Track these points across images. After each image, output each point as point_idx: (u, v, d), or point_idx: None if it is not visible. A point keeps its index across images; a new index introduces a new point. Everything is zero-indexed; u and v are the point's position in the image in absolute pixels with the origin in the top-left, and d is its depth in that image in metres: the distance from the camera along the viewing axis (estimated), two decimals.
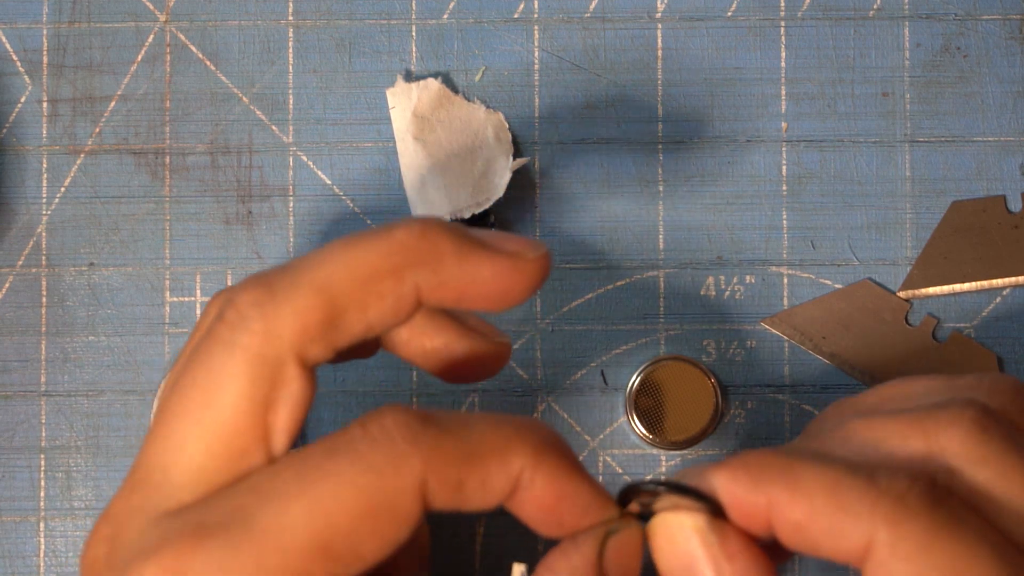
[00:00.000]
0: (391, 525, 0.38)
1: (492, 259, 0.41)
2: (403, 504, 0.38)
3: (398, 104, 0.55)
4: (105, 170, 0.56)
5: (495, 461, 0.39)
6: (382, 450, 0.39)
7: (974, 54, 0.55)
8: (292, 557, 0.38)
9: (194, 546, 0.38)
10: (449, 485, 0.39)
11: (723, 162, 0.55)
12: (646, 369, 0.54)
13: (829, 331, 0.54)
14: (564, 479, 0.40)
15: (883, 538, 0.38)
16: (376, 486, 0.38)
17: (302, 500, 0.38)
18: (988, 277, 0.55)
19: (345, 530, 0.38)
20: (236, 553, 0.38)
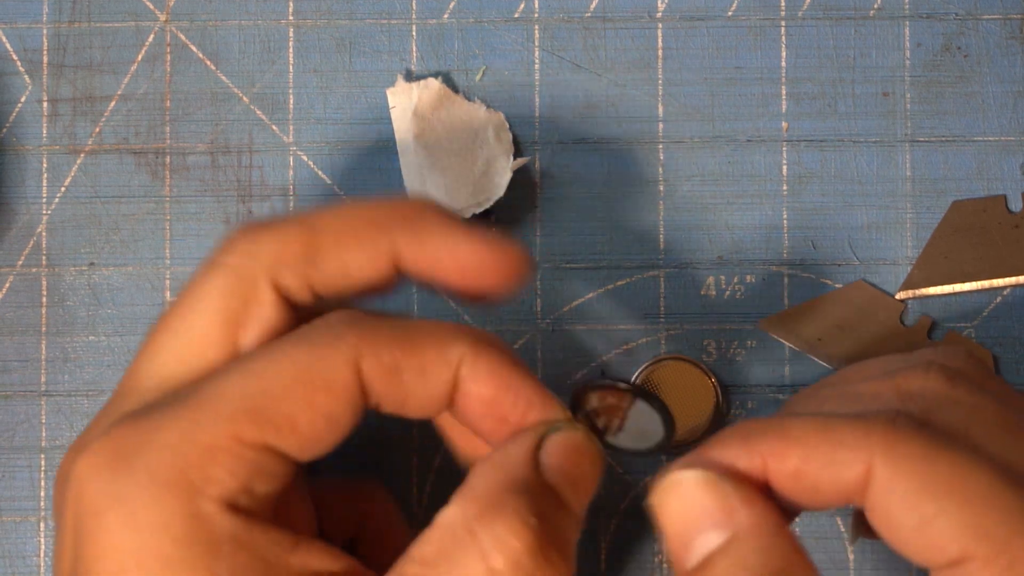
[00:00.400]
0: (324, 395, 0.39)
1: (472, 237, 0.42)
2: (337, 376, 0.39)
3: (398, 104, 0.55)
4: (105, 170, 0.56)
5: (432, 347, 0.40)
6: (319, 329, 0.40)
7: (974, 54, 0.55)
8: (225, 419, 0.39)
9: (135, 426, 0.39)
10: (385, 367, 0.40)
11: (723, 162, 0.55)
12: (646, 369, 0.54)
13: (824, 332, 0.54)
14: (505, 370, 0.41)
15: (882, 461, 0.38)
16: (309, 357, 0.39)
17: (240, 372, 0.39)
18: (988, 277, 0.54)
19: (277, 395, 0.39)
20: (173, 423, 0.39)
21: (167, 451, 0.38)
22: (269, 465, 0.39)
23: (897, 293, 0.55)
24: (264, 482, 0.39)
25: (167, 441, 0.39)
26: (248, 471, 0.39)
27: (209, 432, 0.39)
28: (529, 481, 0.40)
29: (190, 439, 0.38)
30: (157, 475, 0.38)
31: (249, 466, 0.39)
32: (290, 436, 0.39)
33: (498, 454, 0.41)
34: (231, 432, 0.39)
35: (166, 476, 0.38)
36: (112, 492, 0.38)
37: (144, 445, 0.39)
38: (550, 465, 0.40)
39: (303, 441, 0.39)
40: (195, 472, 0.38)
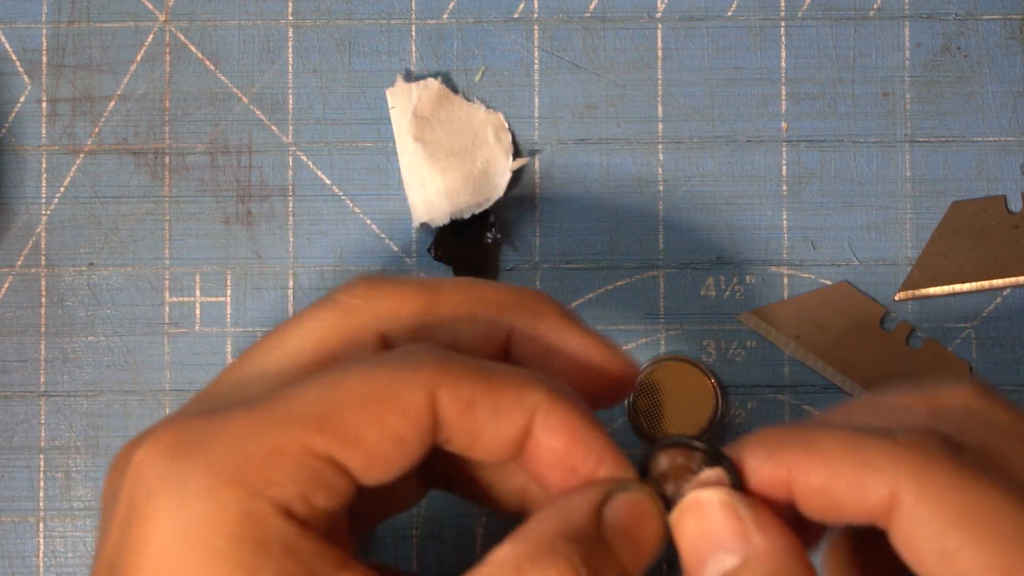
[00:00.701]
0: (397, 417, 0.39)
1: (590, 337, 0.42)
2: (412, 400, 0.39)
3: (398, 104, 0.55)
4: (105, 170, 0.56)
5: (510, 389, 0.40)
6: (400, 354, 0.40)
7: (974, 54, 0.55)
8: (293, 423, 0.38)
9: (202, 419, 0.39)
10: (461, 400, 0.39)
11: (723, 162, 0.55)
12: (646, 369, 0.54)
13: (803, 330, 0.54)
14: (580, 422, 0.40)
15: (908, 487, 0.38)
16: (387, 377, 0.39)
17: (317, 381, 0.39)
18: (988, 277, 0.55)
19: (349, 409, 0.38)
20: (240, 420, 0.38)
21: (230, 446, 0.38)
22: (331, 478, 0.39)
23: (896, 294, 0.55)
24: (323, 495, 0.38)
25: (231, 437, 0.38)
26: (309, 479, 0.38)
27: (275, 434, 0.38)
28: (587, 532, 0.39)
29: (255, 438, 0.38)
30: (216, 468, 0.38)
31: (311, 475, 0.38)
32: (356, 452, 0.38)
33: (561, 501, 0.40)
34: (298, 437, 0.38)
35: (225, 470, 0.38)
36: (169, 478, 0.38)
37: (208, 437, 0.38)
38: (612, 522, 0.40)
39: (368, 460, 0.39)
40: (255, 472, 0.38)
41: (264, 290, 0.55)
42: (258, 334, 0.55)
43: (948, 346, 0.55)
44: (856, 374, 0.54)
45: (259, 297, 0.55)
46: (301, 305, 0.55)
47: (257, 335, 0.55)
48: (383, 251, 0.55)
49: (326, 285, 0.55)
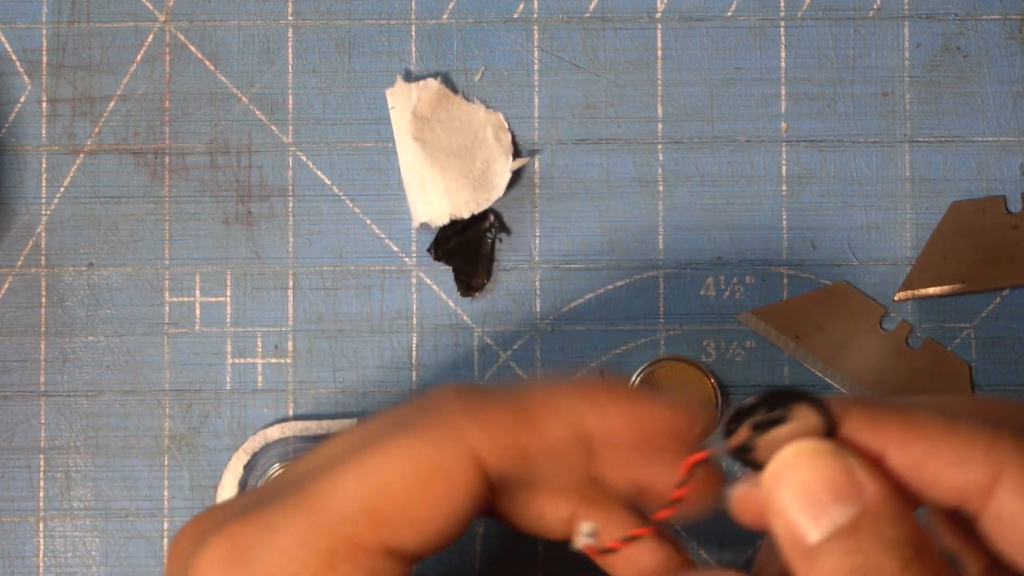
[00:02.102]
0: (444, 491, 0.38)
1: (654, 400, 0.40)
2: (456, 469, 0.38)
3: (398, 104, 0.55)
4: (104, 170, 0.56)
5: (551, 419, 0.39)
6: (434, 419, 0.39)
7: (974, 54, 0.55)
8: (343, 521, 0.38)
9: (249, 519, 0.38)
10: (508, 449, 0.38)
11: (723, 162, 0.55)
12: (646, 369, 0.54)
13: (803, 330, 0.54)
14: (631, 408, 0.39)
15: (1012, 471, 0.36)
16: (427, 452, 0.38)
17: (355, 468, 0.38)
18: (988, 277, 0.54)
19: (396, 495, 0.38)
20: (288, 520, 0.38)
21: (283, 555, 0.38)
22: (387, 567, 0.38)
23: (896, 294, 0.55)
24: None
25: (283, 545, 0.38)
26: (367, 572, 0.38)
27: (327, 536, 0.38)
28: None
29: (306, 543, 0.38)
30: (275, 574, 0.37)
31: (367, 571, 0.38)
32: (409, 533, 0.38)
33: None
34: (349, 535, 0.38)
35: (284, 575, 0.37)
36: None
37: (261, 546, 0.38)
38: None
39: (423, 537, 0.38)
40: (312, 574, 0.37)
41: (264, 290, 0.55)
42: (258, 334, 0.55)
43: (948, 346, 0.55)
44: (856, 374, 0.54)
45: (259, 297, 0.55)
46: (301, 305, 0.55)
47: (257, 335, 0.55)
48: (383, 251, 0.55)
49: (326, 285, 0.55)
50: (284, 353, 0.55)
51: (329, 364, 0.55)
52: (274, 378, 0.55)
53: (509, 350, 0.55)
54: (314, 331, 0.55)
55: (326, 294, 0.55)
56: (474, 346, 0.55)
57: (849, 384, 0.54)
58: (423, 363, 0.55)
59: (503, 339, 0.55)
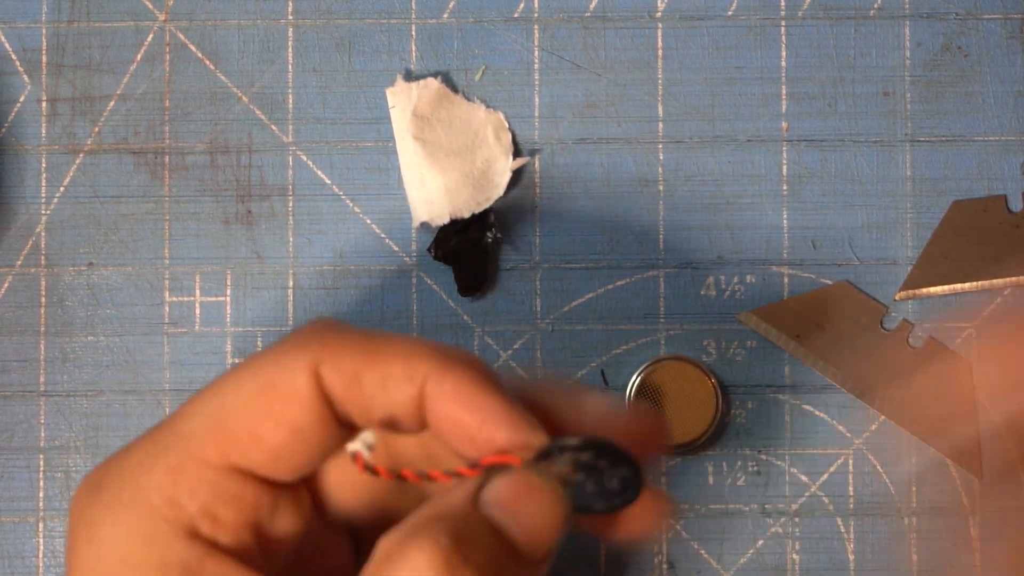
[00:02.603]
0: (283, 404, 0.39)
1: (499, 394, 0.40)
2: (294, 383, 0.39)
3: (398, 104, 0.55)
4: (104, 170, 0.55)
5: (397, 360, 0.39)
6: (288, 340, 0.40)
7: (975, 53, 0.55)
8: (187, 439, 0.38)
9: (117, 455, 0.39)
10: (345, 374, 0.39)
11: (723, 162, 0.55)
12: (646, 369, 0.54)
13: (804, 330, 0.54)
14: (472, 389, 0.39)
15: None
16: (270, 367, 0.39)
17: (206, 391, 0.39)
18: (988, 277, 0.54)
19: (237, 410, 0.38)
20: (141, 444, 0.39)
21: (132, 474, 0.38)
22: (235, 487, 0.38)
23: (897, 293, 0.55)
24: (231, 507, 0.38)
25: (133, 464, 0.39)
26: (209, 492, 0.38)
27: (172, 453, 0.38)
28: (458, 511, 0.39)
29: (153, 461, 0.38)
30: (120, 497, 0.38)
31: (210, 487, 0.38)
32: (255, 452, 0.38)
33: (444, 489, 0.40)
34: (193, 452, 0.38)
35: (128, 498, 0.38)
36: (83, 515, 0.39)
37: (115, 468, 0.39)
38: (490, 500, 0.39)
39: (270, 457, 0.39)
40: (155, 493, 0.38)
41: (264, 290, 0.55)
42: (258, 334, 0.55)
43: (948, 346, 0.55)
44: (857, 374, 0.54)
45: (259, 297, 0.55)
46: (301, 305, 0.55)
47: (257, 335, 0.55)
48: (383, 251, 0.55)
49: (326, 284, 0.55)
50: None
51: None
52: None
53: (509, 350, 0.55)
54: None
55: (326, 294, 0.55)
56: (474, 346, 0.55)
57: (850, 383, 0.54)
58: None
59: (503, 339, 0.55)
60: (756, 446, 0.55)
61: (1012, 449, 0.43)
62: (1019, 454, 0.43)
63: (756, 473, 0.55)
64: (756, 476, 0.55)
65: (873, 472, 0.55)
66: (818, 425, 0.55)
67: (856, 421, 0.55)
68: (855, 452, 0.55)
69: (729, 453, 0.55)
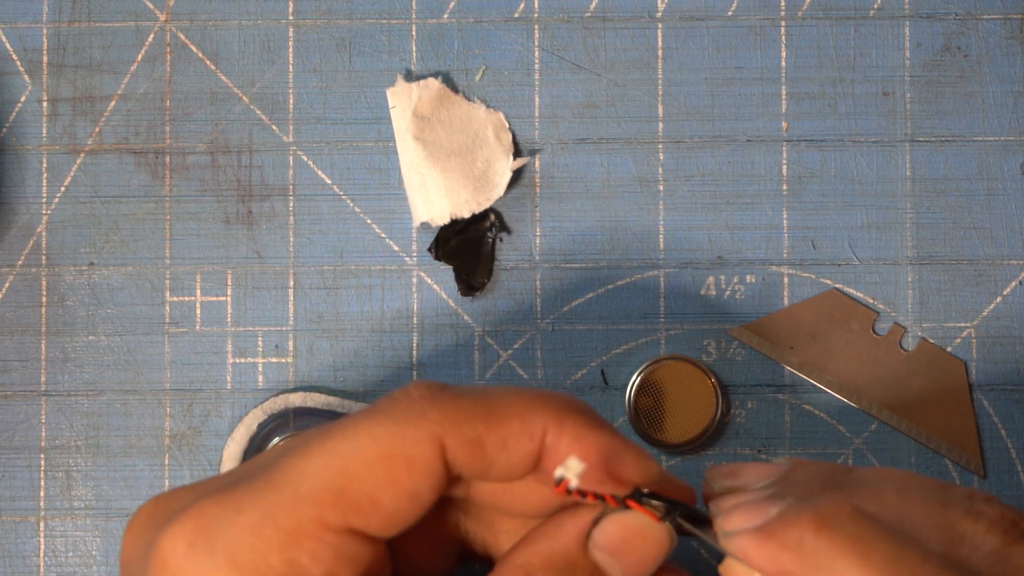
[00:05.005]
0: (407, 474, 0.39)
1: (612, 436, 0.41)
2: (419, 453, 0.39)
3: (398, 104, 0.55)
4: (105, 170, 0.56)
5: (515, 420, 0.40)
6: (401, 406, 0.40)
7: (975, 54, 0.55)
8: (308, 502, 0.38)
9: (216, 499, 0.39)
10: (468, 441, 0.39)
11: (723, 162, 0.55)
12: (646, 369, 0.54)
13: (797, 341, 0.54)
14: (589, 435, 0.40)
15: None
16: (391, 435, 0.39)
17: (321, 450, 0.39)
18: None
19: (360, 477, 0.39)
20: (254, 500, 0.39)
21: (248, 533, 0.38)
22: (352, 548, 0.39)
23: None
24: (347, 567, 0.39)
25: (249, 523, 0.38)
26: (331, 555, 0.38)
27: (292, 515, 0.38)
28: (569, 555, 0.40)
29: (272, 522, 0.38)
30: (238, 558, 0.38)
31: (332, 550, 0.38)
32: (373, 516, 0.39)
33: (550, 523, 0.40)
34: (314, 515, 0.38)
35: (247, 559, 0.38)
36: (193, 569, 0.38)
37: (226, 524, 0.38)
38: (600, 543, 0.40)
39: (386, 519, 0.39)
40: (276, 556, 0.38)
41: (264, 290, 0.55)
42: (259, 333, 0.55)
43: (948, 346, 0.55)
44: (853, 381, 0.54)
45: (259, 297, 0.55)
46: (301, 305, 0.55)
47: (257, 335, 0.55)
48: (383, 251, 0.55)
49: (326, 285, 0.55)
50: (285, 353, 0.55)
51: (329, 364, 0.55)
52: (275, 378, 0.55)
53: (509, 350, 0.55)
54: (315, 331, 0.55)
55: (326, 294, 0.55)
56: (474, 346, 0.55)
57: (846, 391, 0.54)
58: (423, 363, 0.55)
59: (503, 339, 0.55)
60: (756, 446, 0.55)
61: None
62: None
63: None
64: None
65: None
66: (818, 425, 0.55)
67: (856, 421, 0.55)
68: (855, 452, 0.55)
69: (729, 453, 0.55)
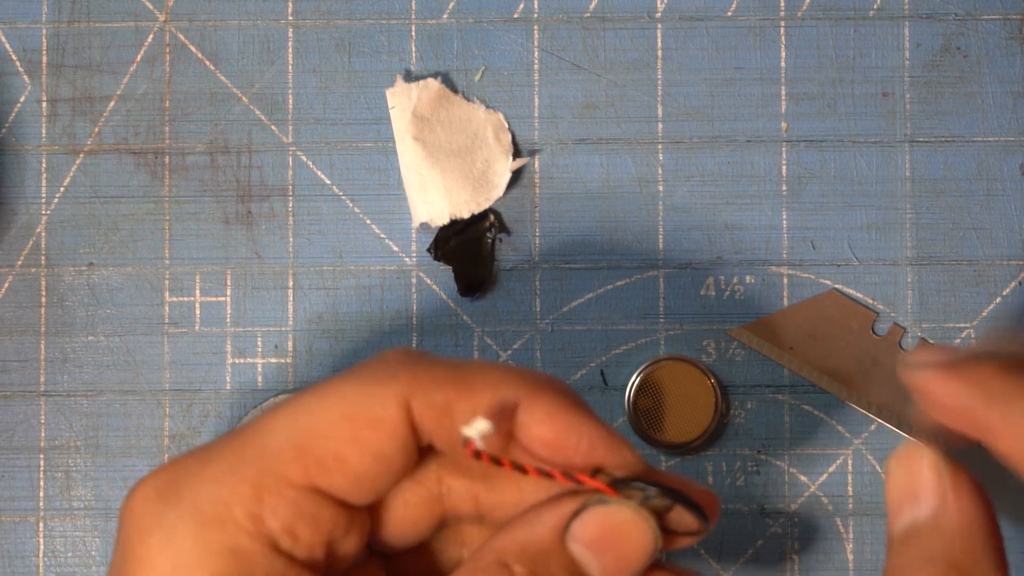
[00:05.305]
0: (371, 433, 0.39)
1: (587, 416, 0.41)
2: (384, 413, 0.39)
3: (398, 104, 0.55)
4: (104, 170, 0.56)
5: (487, 390, 0.39)
6: (371, 365, 0.40)
7: (974, 54, 0.55)
8: (271, 456, 0.38)
9: (189, 457, 0.39)
10: (435, 406, 0.39)
11: (723, 162, 0.55)
12: (646, 369, 0.54)
13: (796, 341, 0.54)
14: (564, 411, 0.40)
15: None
16: (358, 394, 0.39)
17: (290, 408, 0.39)
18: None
19: (324, 434, 0.39)
20: (221, 457, 0.39)
21: (213, 484, 0.38)
22: (314, 507, 0.39)
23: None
24: (309, 525, 0.39)
25: (214, 474, 0.39)
26: (292, 511, 0.38)
27: (255, 468, 0.38)
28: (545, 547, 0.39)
29: (236, 474, 0.38)
30: (201, 506, 0.38)
31: (292, 507, 0.38)
32: (338, 475, 0.39)
33: (531, 511, 0.40)
34: (276, 470, 0.38)
35: (210, 508, 0.38)
36: (158, 516, 0.39)
37: (193, 476, 0.39)
38: (579, 535, 0.39)
39: (352, 481, 0.39)
40: (238, 507, 0.38)
41: (264, 290, 0.55)
42: (258, 334, 0.55)
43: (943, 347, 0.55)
44: (853, 381, 0.54)
45: (259, 297, 0.55)
46: (301, 305, 0.55)
47: (257, 335, 0.55)
48: (383, 251, 0.55)
49: (326, 285, 0.55)
50: (284, 353, 0.55)
51: (329, 364, 0.55)
52: (274, 378, 0.55)
53: (509, 350, 0.55)
54: (314, 331, 0.55)
55: (326, 294, 0.55)
56: (474, 346, 0.55)
57: (846, 392, 0.54)
58: None
59: (503, 339, 0.55)
60: (755, 446, 0.55)
61: None
62: None
63: (755, 473, 0.55)
64: (755, 476, 0.55)
65: (872, 472, 0.55)
66: (817, 425, 0.55)
67: (855, 421, 0.55)
68: (854, 452, 0.55)
69: (728, 453, 0.55)
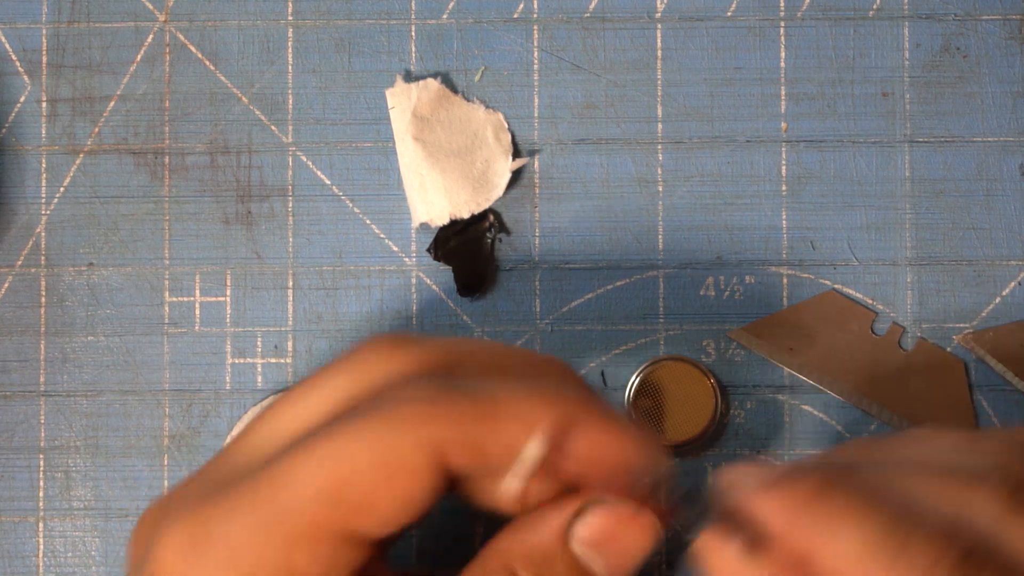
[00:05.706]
0: (404, 479, 0.39)
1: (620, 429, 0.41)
2: (417, 459, 0.39)
3: (398, 104, 0.55)
4: (104, 170, 0.56)
5: (517, 425, 0.39)
6: (398, 406, 0.39)
7: (974, 54, 0.55)
8: (303, 508, 0.38)
9: (209, 505, 0.39)
10: (468, 446, 0.39)
11: (722, 163, 0.55)
12: (646, 369, 0.54)
13: (796, 342, 0.54)
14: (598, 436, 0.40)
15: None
16: (391, 443, 0.39)
17: (316, 453, 0.39)
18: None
19: (357, 483, 0.38)
20: (248, 506, 0.39)
21: (242, 541, 0.38)
22: (348, 549, 0.39)
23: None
24: (344, 566, 0.39)
25: (242, 530, 0.38)
26: (328, 557, 0.38)
27: (286, 523, 0.38)
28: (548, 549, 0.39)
29: (266, 529, 0.38)
30: (236, 559, 0.38)
31: (329, 553, 0.38)
32: (369, 521, 0.39)
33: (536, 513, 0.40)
34: (308, 522, 0.38)
35: (245, 560, 0.38)
36: (192, 570, 0.38)
37: (219, 532, 0.39)
38: (581, 536, 0.40)
39: (383, 522, 0.39)
40: (274, 558, 0.38)
41: (264, 290, 0.55)
42: (258, 334, 0.55)
43: (948, 346, 0.55)
44: (853, 381, 0.54)
45: (259, 297, 0.55)
46: (301, 304, 0.55)
47: (257, 335, 0.55)
48: (383, 251, 0.55)
49: (326, 285, 0.55)
50: (284, 353, 0.55)
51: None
52: (274, 378, 0.55)
53: None
54: (314, 331, 0.55)
55: (326, 294, 0.55)
56: None
57: (846, 392, 0.54)
58: None
59: (503, 339, 0.55)
60: (756, 446, 0.55)
61: None
62: None
63: None
64: None
65: None
66: (817, 425, 0.55)
67: (856, 421, 0.55)
68: None
69: (729, 453, 0.55)
